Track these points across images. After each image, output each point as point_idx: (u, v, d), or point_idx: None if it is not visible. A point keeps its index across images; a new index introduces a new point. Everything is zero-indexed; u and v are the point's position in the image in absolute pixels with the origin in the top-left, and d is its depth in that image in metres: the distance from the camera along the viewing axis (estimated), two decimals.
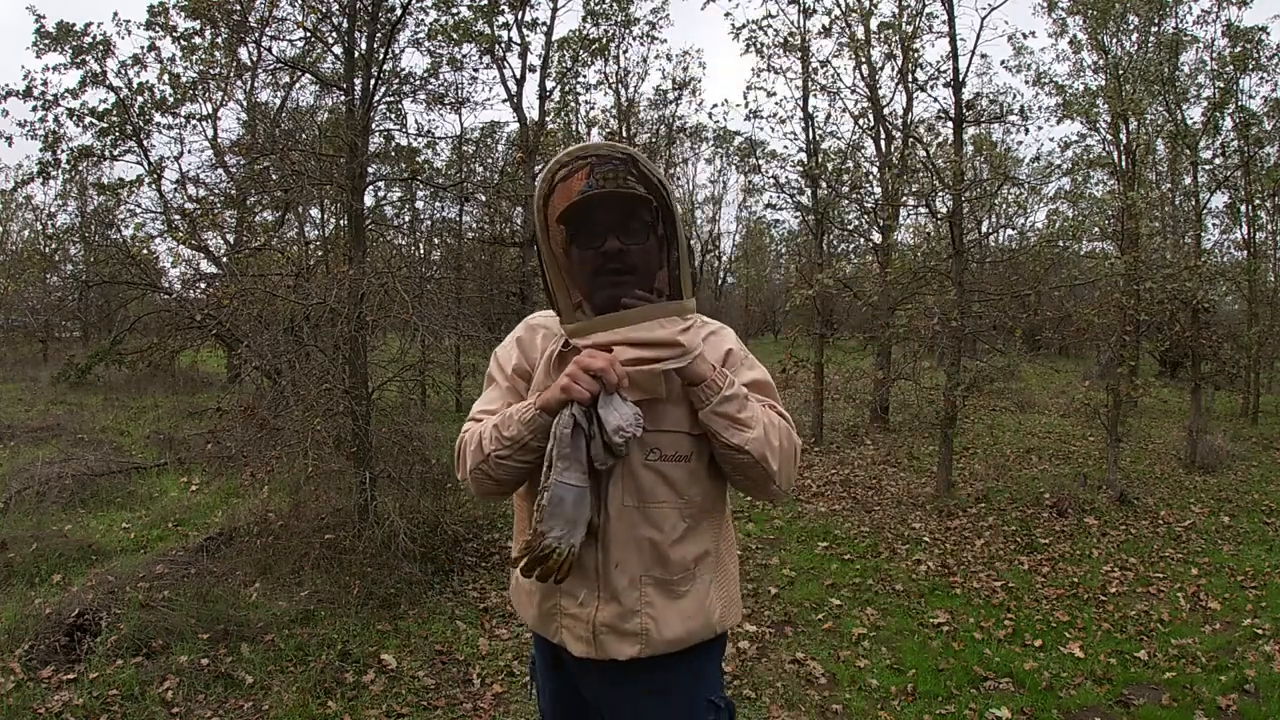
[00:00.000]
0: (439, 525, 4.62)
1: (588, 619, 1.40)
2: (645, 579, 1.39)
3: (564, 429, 1.28)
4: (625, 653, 1.39)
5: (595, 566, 1.39)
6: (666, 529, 1.39)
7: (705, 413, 1.33)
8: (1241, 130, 9.59)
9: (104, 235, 12.48)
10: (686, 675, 1.47)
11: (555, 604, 1.44)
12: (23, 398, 10.94)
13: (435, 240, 13.40)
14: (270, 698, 3.05)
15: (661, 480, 1.38)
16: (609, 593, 1.39)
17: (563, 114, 15.68)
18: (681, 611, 1.41)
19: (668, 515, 1.39)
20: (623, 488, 1.37)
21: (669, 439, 1.39)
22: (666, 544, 1.39)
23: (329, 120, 9.02)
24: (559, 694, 1.59)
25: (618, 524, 1.37)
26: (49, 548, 4.55)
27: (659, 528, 1.38)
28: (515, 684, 3.35)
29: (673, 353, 1.29)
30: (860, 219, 10.33)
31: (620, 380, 1.27)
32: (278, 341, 4.62)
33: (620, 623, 1.39)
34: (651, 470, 1.38)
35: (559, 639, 1.45)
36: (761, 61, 10.01)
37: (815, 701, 3.29)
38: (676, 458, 1.39)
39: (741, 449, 1.33)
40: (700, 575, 1.43)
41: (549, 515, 1.29)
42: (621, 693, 1.47)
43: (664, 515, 1.39)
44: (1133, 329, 6.97)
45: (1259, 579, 4.85)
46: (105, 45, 10.34)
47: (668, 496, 1.39)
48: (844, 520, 6.05)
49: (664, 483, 1.38)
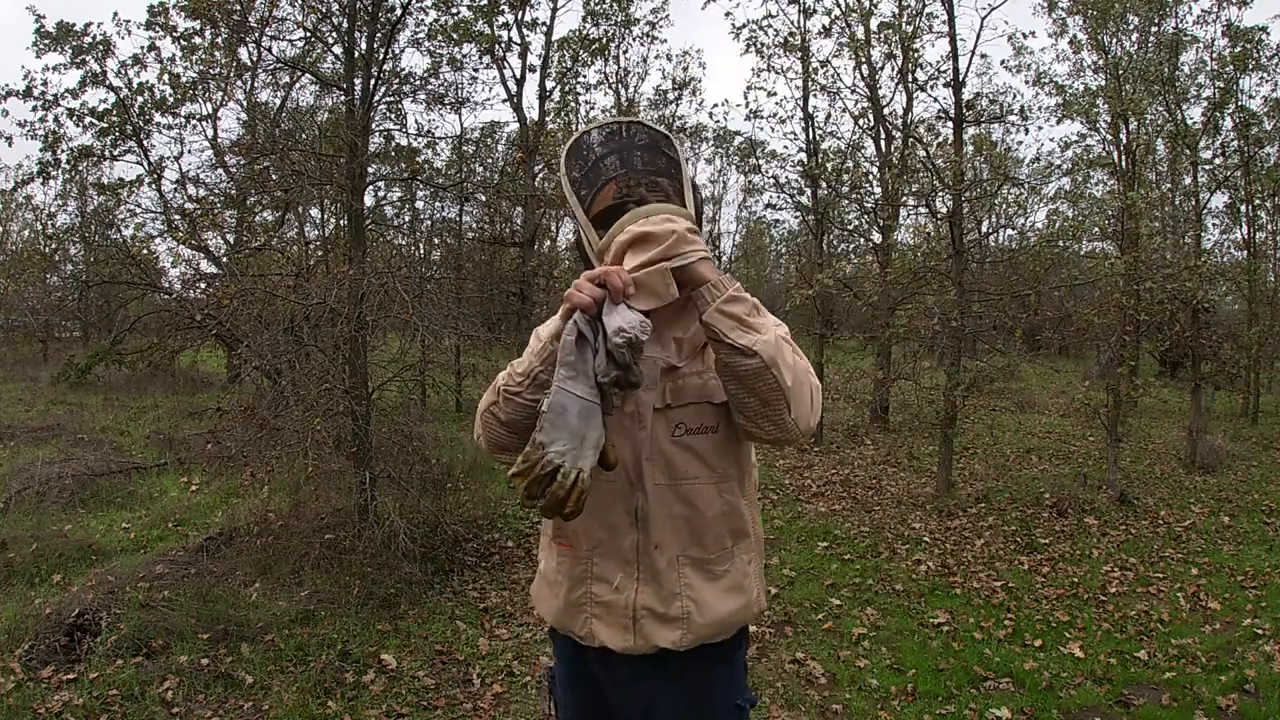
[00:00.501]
0: (439, 525, 4.62)
1: (626, 604, 1.36)
2: (683, 559, 1.36)
3: (568, 336, 1.19)
4: (668, 639, 1.36)
5: (634, 548, 1.36)
6: (701, 505, 1.37)
7: (710, 313, 1.21)
8: (1241, 130, 9.58)
9: (104, 235, 12.47)
10: (720, 673, 1.46)
11: (585, 592, 1.39)
12: (23, 398, 10.94)
13: (435, 240, 13.40)
14: (270, 698, 3.05)
15: (692, 456, 1.36)
16: (648, 573, 1.36)
17: (563, 114, 15.68)
18: (721, 592, 1.38)
19: (702, 491, 1.37)
20: (654, 466, 1.35)
21: (692, 411, 1.36)
22: (703, 521, 1.37)
23: (329, 120, 9.02)
24: (584, 704, 1.52)
25: (655, 503, 1.35)
26: (49, 548, 4.55)
27: (694, 505, 1.36)
28: (515, 684, 3.35)
29: (681, 248, 1.20)
30: (860, 219, 10.34)
31: (625, 285, 1.17)
32: (278, 341, 4.62)
33: (661, 606, 1.36)
34: (679, 446, 1.36)
35: (588, 631, 1.40)
36: (761, 61, 10.01)
37: (815, 701, 3.29)
38: (702, 429, 1.36)
39: (749, 350, 1.20)
40: (738, 554, 1.41)
41: (550, 425, 1.17)
42: (654, 688, 1.43)
43: (698, 491, 1.37)
44: (1133, 329, 6.97)
45: (1259, 579, 4.85)
46: (105, 45, 10.33)
47: (699, 471, 1.36)
48: (844, 520, 6.05)
49: (695, 458, 1.36)
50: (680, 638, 1.36)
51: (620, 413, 1.33)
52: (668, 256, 1.20)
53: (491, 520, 5.52)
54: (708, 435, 1.37)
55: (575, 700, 1.54)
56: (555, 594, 1.45)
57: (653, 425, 1.36)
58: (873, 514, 6.25)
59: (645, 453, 1.35)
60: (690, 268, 1.21)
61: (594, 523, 1.38)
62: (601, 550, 1.39)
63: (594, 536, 1.40)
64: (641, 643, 1.37)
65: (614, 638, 1.38)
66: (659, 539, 1.36)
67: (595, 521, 1.38)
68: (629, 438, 1.36)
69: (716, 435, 1.37)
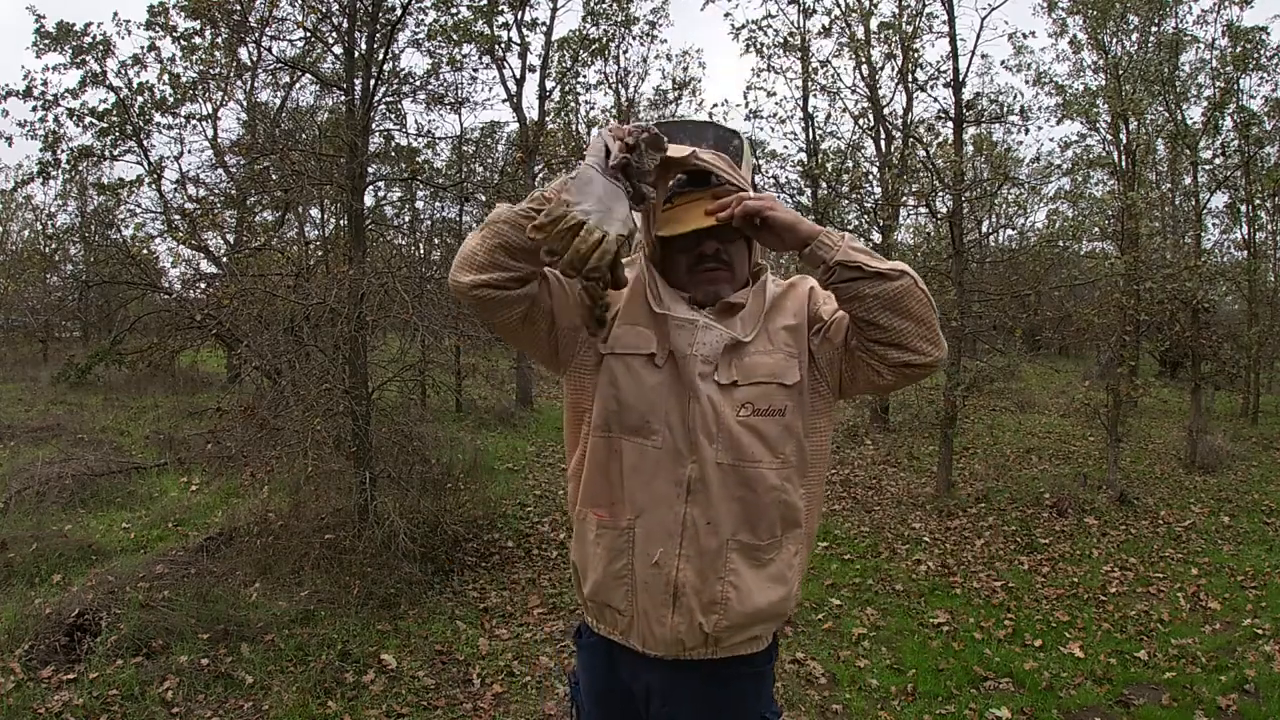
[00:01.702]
0: (439, 525, 4.62)
1: (667, 581, 1.34)
2: (732, 543, 1.34)
3: (597, 145, 1.20)
4: (703, 621, 1.34)
5: (680, 521, 1.33)
6: (760, 490, 1.34)
7: (844, 251, 1.25)
8: (1242, 130, 9.59)
9: (104, 235, 12.47)
10: (750, 686, 1.44)
11: (627, 564, 1.36)
12: (23, 398, 10.94)
13: (435, 240, 13.40)
14: (270, 698, 3.05)
15: (757, 438, 1.33)
16: (694, 550, 1.33)
17: (563, 114, 15.68)
18: (764, 581, 1.35)
19: (764, 476, 1.34)
20: (720, 446, 1.33)
21: (761, 392, 1.34)
22: (760, 506, 1.34)
23: (329, 120, 9.02)
24: (606, 696, 1.50)
25: (716, 483, 1.33)
26: (49, 548, 4.55)
27: (754, 488, 1.34)
28: (515, 684, 3.35)
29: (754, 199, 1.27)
30: (860, 219, 10.32)
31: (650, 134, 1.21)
32: (278, 341, 4.62)
33: (702, 586, 1.33)
34: (746, 427, 1.33)
35: (629, 605, 1.37)
36: (761, 61, 10.04)
37: (815, 701, 3.29)
38: (770, 411, 1.34)
39: (896, 272, 1.24)
40: (786, 544, 1.38)
41: (577, 189, 1.14)
42: (684, 696, 1.40)
43: (760, 476, 1.34)
44: (1133, 329, 6.97)
45: (1259, 579, 4.85)
46: (105, 45, 10.33)
47: (763, 455, 1.34)
48: (844, 520, 6.05)
49: (759, 440, 1.34)
50: (715, 623, 1.34)
51: (673, 378, 1.35)
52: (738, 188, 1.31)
53: (491, 520, 5.52)
54: (775, 418, 1.35)
55: (602, 715, 1.51)
56: (594, 567, 1.40)
57: (719, 402, 1.34)
58: (873, 514, 6.25)
59: (703, 427, 1.33)
60: (795, 225, 1.27)
61: (637, 490, 1.35)
62: (645, 521, 1.35)
63: (637, 504, 1.36)
64: (679, 621, 1.34)
65: (652, 617, 1.36)
66: (714, 518, 1.33)
67: (639, 489, 1.35)
68: (679, 403, 1.34)
69: (784, 419, 1.35)
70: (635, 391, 1.36)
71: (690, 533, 1.33)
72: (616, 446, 1.37)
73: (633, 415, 1.36)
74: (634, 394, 1.36)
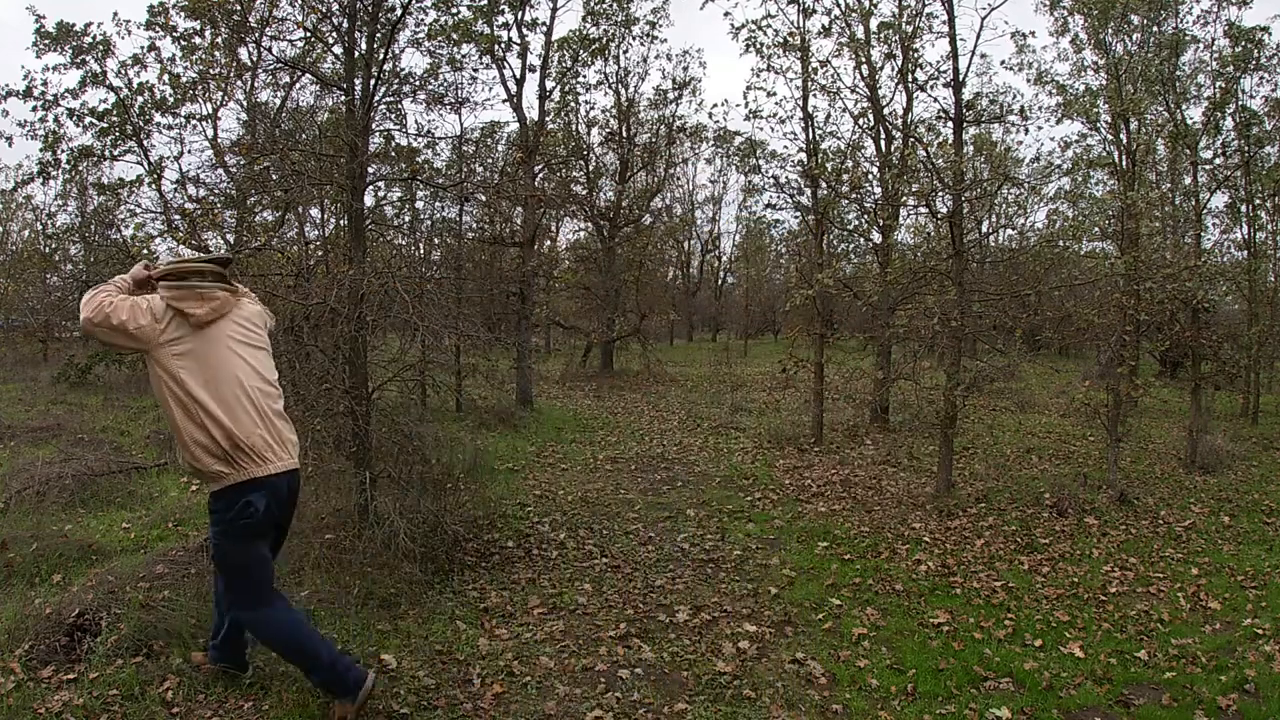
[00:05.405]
0: (439, 525, 4.62)
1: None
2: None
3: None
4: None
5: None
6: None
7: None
8: (1242, 130, 9.60)
9: (104, 235, 12.46)
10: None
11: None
12: (23, 398, 10.94)
13: (435, 240, 13.40)
14: (270, 698, 3.05)
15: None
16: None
17: (563, 114, 15.69)
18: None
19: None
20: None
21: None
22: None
23: (329, 120, 9.02)
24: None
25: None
26: (49, 548, 4.54)
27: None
28: (515, 684, 3.35)
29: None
30: (860, 219, 10.34)
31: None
32: (278, 341, 4.60)
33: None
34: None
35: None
36: (761, 61, 10.02)
37: (815, 701, 3.29)
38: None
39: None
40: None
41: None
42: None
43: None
44: (1133, 329, 6.97)
45: (1259, 579, 4.85)
46: (105, 45, 10.32)
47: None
48: (844, 520, 6.05)
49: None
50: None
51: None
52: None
53: (491, 520, 5.52)
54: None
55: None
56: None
57: None
58: (873, 514, 6.25)
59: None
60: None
61: None
62: None
63: None
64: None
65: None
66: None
67: None
68: None
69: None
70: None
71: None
72: None
73: None
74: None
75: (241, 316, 2.95)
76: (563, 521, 5.85)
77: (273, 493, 2.82)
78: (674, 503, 6.50)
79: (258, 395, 2.84)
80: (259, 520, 2.79)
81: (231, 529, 2.78)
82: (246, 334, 2.94)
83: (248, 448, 2.76)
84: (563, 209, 16.62)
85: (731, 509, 6.35)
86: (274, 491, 2.82)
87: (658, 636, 3.88)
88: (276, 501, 2.84)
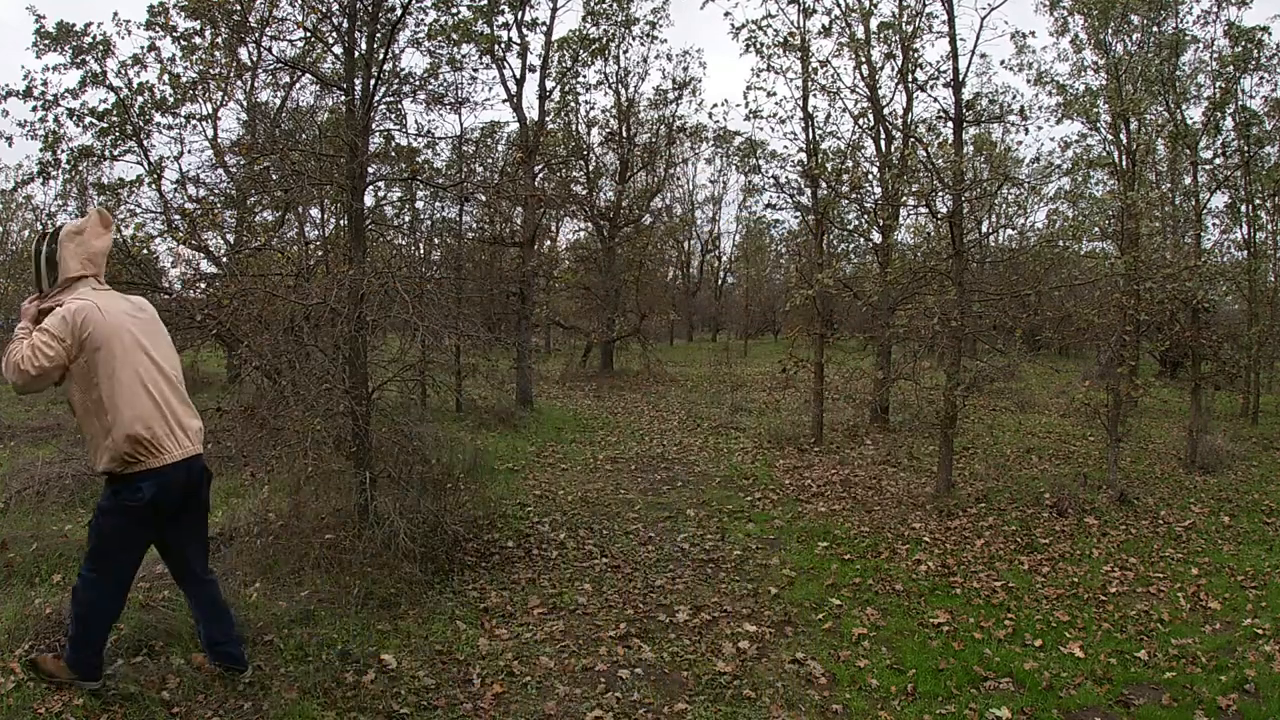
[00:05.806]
0: (439, 525, 4.62)
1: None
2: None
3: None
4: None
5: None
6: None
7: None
8: (1242, 130, 9.60)
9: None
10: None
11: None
12: (23, 398, 10.93)
13: (435, 240, 13.40)
14: (270, 698, 3.05)
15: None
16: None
17: (563, 114, 15.69)
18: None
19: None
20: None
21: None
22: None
23: (329, 120, 9.02)
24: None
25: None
26: (49, 548, 4.55)
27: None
28: (515, 684, 3.35)
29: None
30: (860, 219, 10.33)
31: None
32: (278, 341, 4.61)
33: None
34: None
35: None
36: (761, 61, 10.02)
37: (815, 701, 3.29)
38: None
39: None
40: None
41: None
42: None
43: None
44: (1133, 329, 6.97)
45: (1259, 579, 4.85)
46: (105, 45, 10.31)
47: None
48: (844, 520, 6.05)
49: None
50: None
51: None
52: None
53: (491, 520, 5.52)
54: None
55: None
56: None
57: None
58: (873, 514, 6.25)
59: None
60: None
61: None
62: None
63: None
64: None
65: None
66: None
67: None
68: None
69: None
70: None
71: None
72: None
73: None
74: None
75: (131, 304, 3.00)
76: (563, 521, 5.85)
77: (161, 483, 2.83)
78: (674, 503, 6.50)
79: (157, 383, 2.87)
80: (142, 505, 2.82)
81: (114, 504, 2.89)
82: (142, 322, 2.95)
83: (146, 440, 2.79)
84: (563, 209, 16.62)
85: (731, 509, 6.35)
86: (163, 482, 2.83)
87: (658, 636, 3.88)
88: (164, 491, 2.85)
